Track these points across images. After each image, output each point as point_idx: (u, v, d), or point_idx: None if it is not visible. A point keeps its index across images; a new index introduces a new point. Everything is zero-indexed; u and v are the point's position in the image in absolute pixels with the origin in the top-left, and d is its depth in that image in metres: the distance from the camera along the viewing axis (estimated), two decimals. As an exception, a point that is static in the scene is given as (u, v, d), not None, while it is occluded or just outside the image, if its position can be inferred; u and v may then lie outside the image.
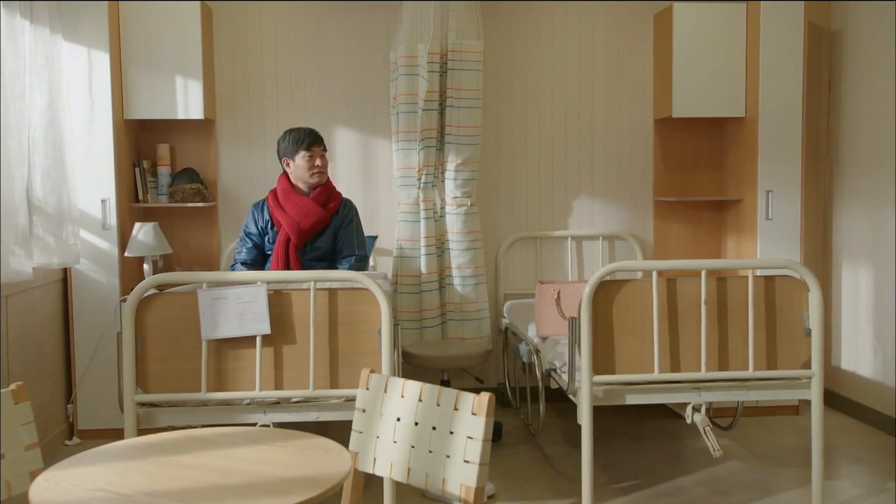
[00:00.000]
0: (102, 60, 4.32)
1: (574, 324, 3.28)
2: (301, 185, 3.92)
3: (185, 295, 3.09)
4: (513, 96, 5.05)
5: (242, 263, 3.95)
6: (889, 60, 4.40)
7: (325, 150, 3.95)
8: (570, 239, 5.07)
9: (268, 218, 3.96)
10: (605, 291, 3.25)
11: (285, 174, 3.97)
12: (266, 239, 3.97)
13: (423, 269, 4.74)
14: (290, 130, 3.96)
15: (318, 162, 3.89)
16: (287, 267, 3.83)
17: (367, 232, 4.79)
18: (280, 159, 3.98)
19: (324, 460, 1.94)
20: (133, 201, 4.66)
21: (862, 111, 4.67)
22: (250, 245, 3.96)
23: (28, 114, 3.85)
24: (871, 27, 4.58)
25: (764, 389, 3.36)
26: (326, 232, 3.92)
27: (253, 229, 3.98)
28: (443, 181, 4.79)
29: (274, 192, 3.99)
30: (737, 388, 3.35)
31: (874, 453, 4.14)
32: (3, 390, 2.08)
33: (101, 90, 4.33)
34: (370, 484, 3.47)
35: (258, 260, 3.96)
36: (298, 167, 3.88)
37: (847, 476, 3.85)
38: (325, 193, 3.95)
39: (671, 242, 5.11)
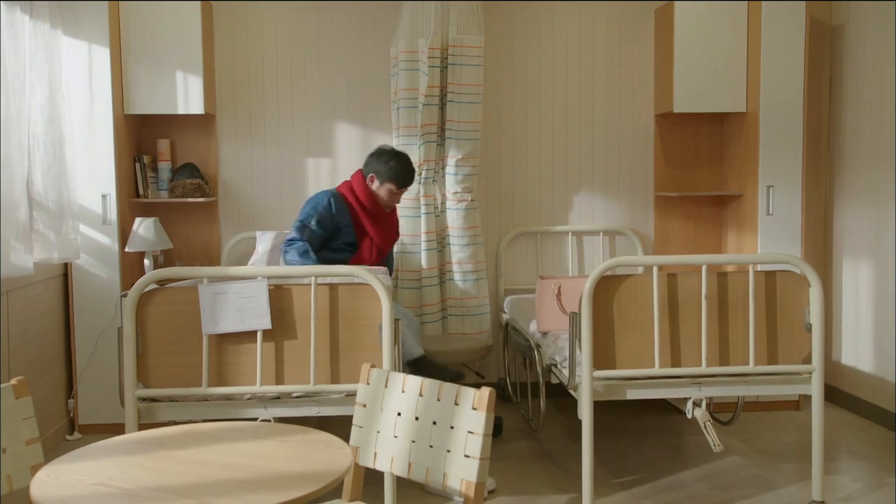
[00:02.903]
0: (103, 55, 4.31)
1: (575, 319, 3.28)
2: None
3: (186, 290, 3.09)
4: (513, 91, 5.04)
5: (304, 243, 3.89)
6: (890, 56, 4.40)
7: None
8: (570, 234, 5.07)
9: (346, 219, 4.03)
10: (606, 286, 3.25)
11: (366, 182, 4.08)
12: (336, 239, 4.02)
13: (424, 264, 4.74)
14: (394, 157, 4.03)
15: (397, 200, 4.12)
16: None
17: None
18: (367, 170, 4.08)
19: (324, 455, 1.94)
20: (133, 196, 4.66)
21: (863, 106, 4.66)
22: (308, 236, 3.94)
23: (28, 109, 3.84)
24: (872, 22, 4.57)
25: (764, 384, 3.37)
26: None
27: (325, 224, 3.98)
28: (443, 176, 4.78)
29: (352, 191, 4.07)
30: (737, 383, 3.35)
31: (874, 448, 4.14)
32: (3, 385, 2.08)
33: (101, 85, 4.33)
34: (371, 479, 3.47)
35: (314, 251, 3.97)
36: (379, 193, 4.05)
37: (847, 471, 3.85)
38: (396, 214, 4.32)
39: (672, 237, 5.11)
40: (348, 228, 4.04)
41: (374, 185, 4.05)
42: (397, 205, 4.31)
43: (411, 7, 4.67)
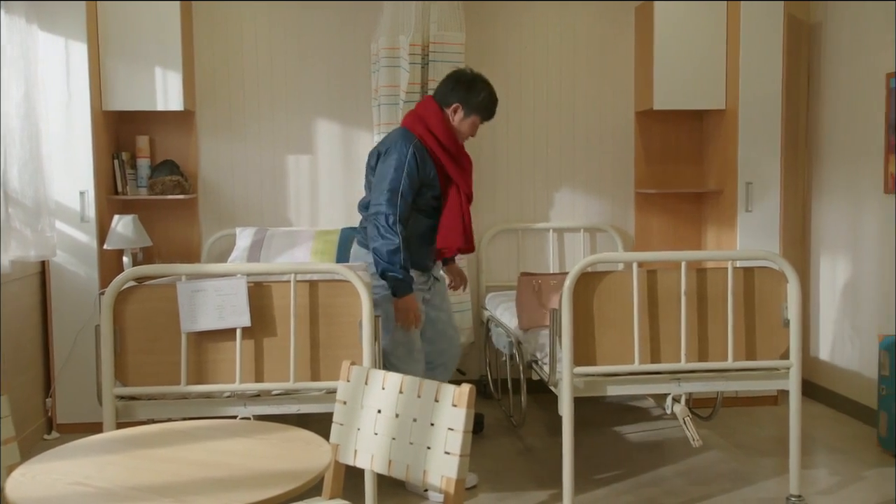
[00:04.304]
0: (80, 51, 4.27)
1: (555, 315, 3.29)
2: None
3: (165, 287, 3.07)
4: (494, 88, 5.03)
5: (402, 221, 3.36)
6: (867, 53, 4.44)
7: None
8: (551, 231, 5.08)
9: (431, 170, 3.42)
10: (586, 283, 3.26)
11: (442, 113, 3.48)
12: (423, 195, 3.43)
13: (405, 261, 4.70)
14: (485, 86, 3.48)
15: (475, 133, 3.57)
16: (471, 231, 3.57)
17: (348, 224, 4.79)
18: (446, 99, 3.49)
19: (304, 453, 1.93)
20: (112, 193, 4.62)
21: (840, 104, 4.70)
22: (409, 200, 3.38)
23: (4, 105, 3.80)
24: (849, 20, 4.61)
25: (743, 380, 3.39)
26: None
27: (417, 181, 3.38)
28: (424, 173, 4.77)
29: (430, 133, 3.43)
30: (716, 378, 3.37)
31: (851, 442, 4.19)
32: (-21, 384, 2.06)
33: (78, 81, 4.28)
34: (351, 476, 3.47)
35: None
36: (461, 124, 3.47)
37: (824, 465, 3.89)
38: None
39: (652, 234, 5.14)
40: (434, 181, 3.44)
41: (457, 118, 3.47)
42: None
43: (392, 3, 4.66)
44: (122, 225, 4.31)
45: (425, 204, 3.47)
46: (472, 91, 3.48)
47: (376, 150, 3.55)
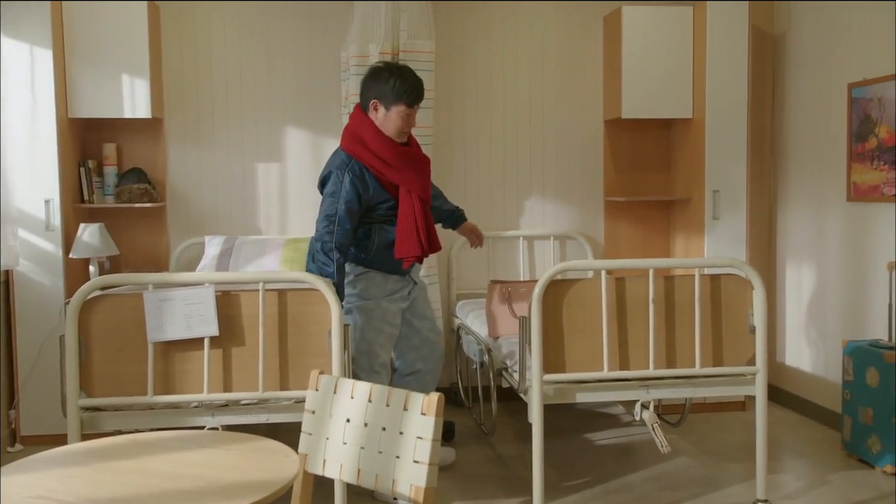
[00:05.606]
0: (45, 57, 4.22)
1: (525, 323, 3.30)
2: (389, 134, 3.42)
3: (131, 296, 3.03)
4: (464, 96, 5.06)
5: (339, 248, 3.30)
6: (829, 63, 4.52)
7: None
8: (521, 239, 5.10)
9: (375, 187, 3.36)
10: (556, 291, 3.28)
11: (369, 119, 3.42)
12: (376, 210, 3.39)
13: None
14: (394, 72, 3.39)
15: (412, 122, 3.44)
16: (434, 235, 3.51)
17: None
18: (366, 99, 3.43)
19: (271, 463, 1.92)
20: (78, 202, 4.56)
21: (804, 113, 4.78)
22: (349, 227, 3.33)
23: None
24: (812, 31, 4.69)
25: (710, 386, 3.42)
26: None
27: (356, 206, 3.33)
28: (395, 181, 4.76)
29: (364, 147, 3.36)
30: (684, 385, 3.40)
31: (817, 447, 4.24)
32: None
33: (44, 88, 4.23)
34: (321, 486, 3.45)
35: (351, 241, 3.42)
36: (390, 121, 3.38)
37: (791, 469, 3.94)
38: (415, 141, 3.59)
39: (621, 242, 5.17)
40: (383, 194, 3.39)
41: (380, 114, 3.39)
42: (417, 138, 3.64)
43: (362, 11, 4.65)
44: (89, 233, 4.26)
45: (383, 216, 3.44)
46: (380, 82, 3.39)
47: (321, 175, 3.48)
